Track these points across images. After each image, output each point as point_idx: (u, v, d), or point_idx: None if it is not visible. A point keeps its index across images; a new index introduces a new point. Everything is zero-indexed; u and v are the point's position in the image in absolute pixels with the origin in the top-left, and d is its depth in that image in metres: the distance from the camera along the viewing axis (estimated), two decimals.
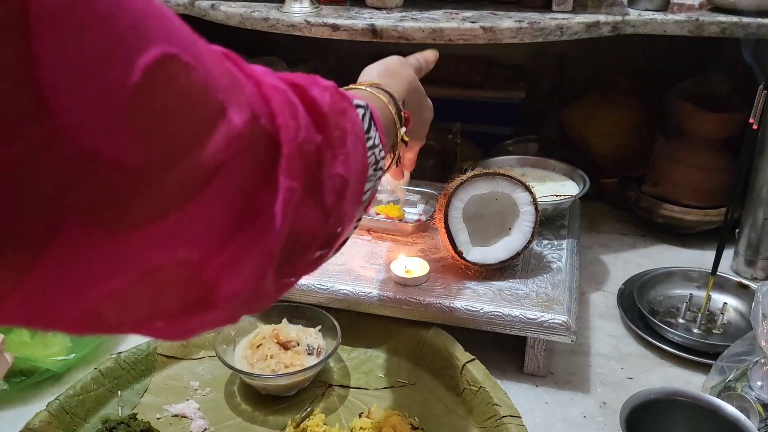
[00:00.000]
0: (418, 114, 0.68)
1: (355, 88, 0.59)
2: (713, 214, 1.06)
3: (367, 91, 0.58)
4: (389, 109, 0.58)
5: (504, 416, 0.67)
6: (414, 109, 0.66)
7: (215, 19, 0.98)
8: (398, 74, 0.65)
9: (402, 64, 0.68)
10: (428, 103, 0.72)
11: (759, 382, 0.67)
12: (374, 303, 0.80)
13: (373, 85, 0.60)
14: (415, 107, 0.67)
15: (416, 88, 0.67)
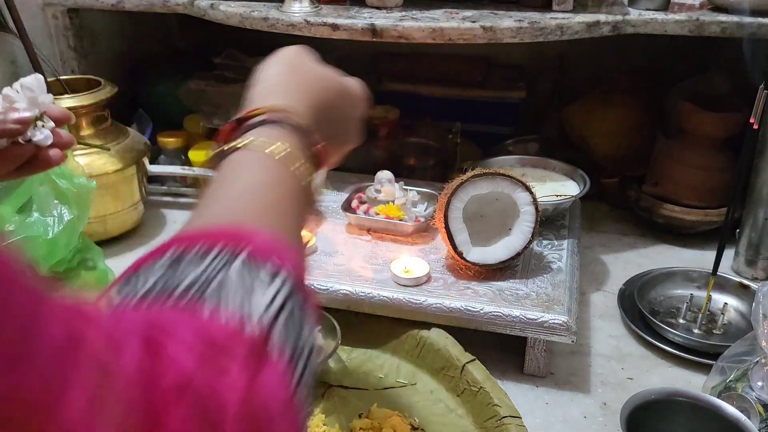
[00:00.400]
0: (335, 125, 0.52)
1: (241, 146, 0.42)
2: (714, 214, 1.06)
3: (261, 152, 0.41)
4: (299, 177, 0.42)
5: (504, 417, 0.67)
6: (328, 119, 0.50)
7: (214, 19, 0.98)
8: (304, 75, 0.51)
9: (305, 58, 0.53)
10: (350, 100, 0.55)
11: (759, 382, 0.67)
12: (374, 303, 0.80)
13: (272, 115, 0.44)
14: (329, 117, 0.51)
15: (326, 87, 0.51)
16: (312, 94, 0.49)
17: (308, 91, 0.49)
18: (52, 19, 1.19)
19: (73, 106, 1.00)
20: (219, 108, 1.30)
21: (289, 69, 0.51)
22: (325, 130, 0.48)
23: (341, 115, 0.54)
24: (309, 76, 0.51)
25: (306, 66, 0.52)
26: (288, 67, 0.51)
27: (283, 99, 0.46)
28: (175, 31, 1.55)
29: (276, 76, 0.50)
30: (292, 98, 0.47)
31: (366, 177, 1.07)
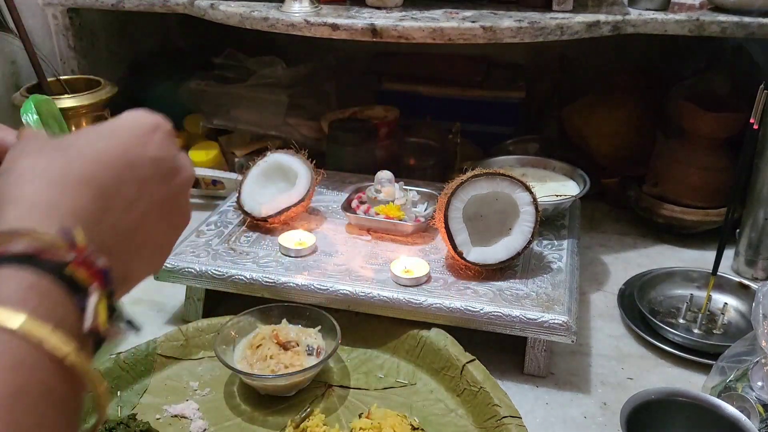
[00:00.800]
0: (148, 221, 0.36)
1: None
2: (714, 214, 1.06)
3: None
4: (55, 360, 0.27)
5: (504, 417, 0.67)
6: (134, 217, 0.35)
7: (214, 19, 0.98)
8: (81, 155, 0.34)
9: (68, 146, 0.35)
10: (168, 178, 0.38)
11: (759, 382, 0.67)
12: (374, 303, 0.80)
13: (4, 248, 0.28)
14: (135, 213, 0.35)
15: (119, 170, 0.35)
16: (96, 184, 0.33)
17: (88, 181, 0.33)
18: (52, 19, 1.19)
19: (73, 106, 1.00)
20: (219, 108, 1.30)
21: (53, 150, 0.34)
22: (129, 235, 0.35)
23: (157, 206, 0.37)
24: (89, 157, 0.34)
25: (86, 141, 0.35)
26: (52, 146, 0.34)
27: (37, 208, 0.30)
28: (175, 31, 1.55)
29: (31, 166, 0.32)
30: (52, 202, 0.31)
31: (366, 177, 1.07)
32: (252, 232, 0.94)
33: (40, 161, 0.33)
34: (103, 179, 0.34)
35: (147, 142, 0.37)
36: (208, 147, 1.27)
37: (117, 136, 0.36)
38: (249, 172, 0.98)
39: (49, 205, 0.31)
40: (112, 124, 0.38)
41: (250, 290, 0.84)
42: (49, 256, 0.28)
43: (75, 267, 0.29)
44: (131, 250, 0.35)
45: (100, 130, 0.37)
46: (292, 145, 1.03)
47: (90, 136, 0.36)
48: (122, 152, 0.36)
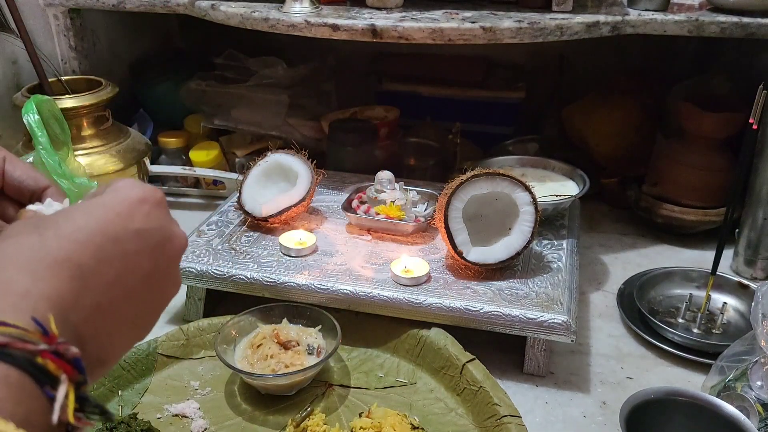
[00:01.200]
0: (134, 295, 0.35)
1: None
2: (713, 214, 1.06)
3: None
4: None
5: (504, 416, 0.67)
6: (122, 289, 0.34)
7: (215, 19, 0.98)
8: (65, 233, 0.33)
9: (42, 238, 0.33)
10: (160, 251, 0.37)
11: (759, 381, 0.67)
12: (374, 303, 0.80)
13: None
14: (122, 286, 0.34)
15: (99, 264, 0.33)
16: (72, 265, 0.32)
17: (63, 261, 0.32)
18: (53, 20, 1.19)
19: (74, 106, 1.00)
20: (219, 108, 1.30)
21: (31, 231, 0.33)
22: (112, 313, 0.34)
23: (145, 279, 0.35)
24: (66, 235, 0.33)
25: (65, 218, 0.34)
26: (31, 227, 0.33)
27: (7, 296, 0.30)
28: (175, 32, 1.55)
29: (5, 250, 0.31)
30: (24, 289, 0.30)
31: (366, 177, 1.08)
32: (253, 232, 0.95)
33: (13, 246, 0.32)
34: (81, 258, 0.32)
35: (132, 215, 0.35)
36: (208, 147, 1.27)
37: (98, 211, 0.35)
38: (249, 173, 0.98)
39: (20, 292, 0.30)
40: (99, 200, 0.36)
41: (250, 290, 0.84)
42: (20, 347, 0.28)
43: (45, 357, 0.28)
44: (113, 327, 0.34)
45: (84, 206, 0.35)
46: (292, 146, 1.03)
47: (71, 213, 0.34)
48: (102, 228, 0.34)
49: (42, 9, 1.17)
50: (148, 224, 0.36)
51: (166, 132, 1.31)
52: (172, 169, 1.22)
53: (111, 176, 1.02)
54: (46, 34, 1.20)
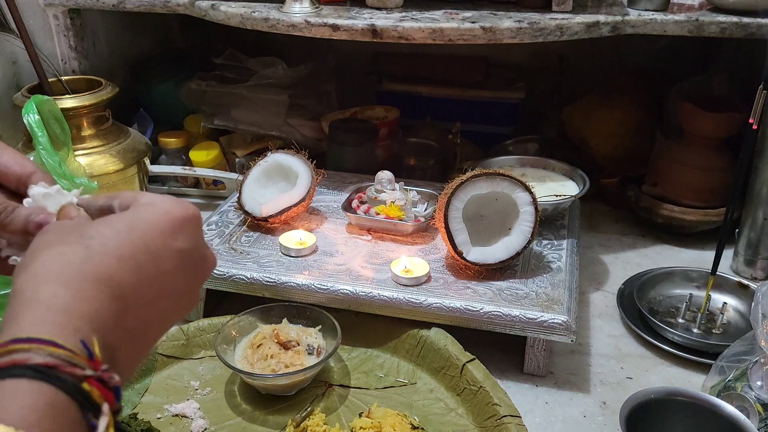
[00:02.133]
0: (158, 307, 0.35)
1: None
2: (713, 214, 1.06)
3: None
4: None
5: (504, 416, 0.67)
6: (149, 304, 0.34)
7: (215, 19, 0.98)
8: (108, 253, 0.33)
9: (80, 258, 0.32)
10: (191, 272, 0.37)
11: (759, 381, 0.67)
12: (374, 303, 0.80)
13: (22, 358, 0.28)
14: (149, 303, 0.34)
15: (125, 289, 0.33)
16: (115, 284, 0.32)
17: (106, 280, 0.32)
18: (53, 20, 1.19)
19: (74, 106, 1.00)
20: (219, 108, 1.30)
21: (74, 242, 0.33)
22: (144, 332, 0.34)
23: (177, 298, 0.36)
24: (110, 252, 0.33)
25: (109, 232, 0.34)
26: (73, 238, 0.33)
27: (52, 313, 0.29)
28: (175, 32, 1.55)
29: (48, 262, 0.31)
30: (68, 307, 0.30)
31: (366, 177, 1.08)
32: (253, 232, 0.95)
33: (58, 257, 0.32)
34: (123, 276, 0.32)
35: (176, 234, 0.35)
36: (208, 147, 1.27)
37: (141, 226, 0.34)
38: (250, 173, 0.98)
39: (64, 309, 0.30)
40: (141, 213, 0.35)
41: (250, 290, 0.84)
42: (68, 371, 0.28)
43: (91, 384, 0.28)
44: (141, 346, 0.34)
45: (126, 219, 0.35)
46: (292, 146, 1.03)
47: (115, 226, 0.34)
48: (145, 244, 0.34)
49: (42, 9, 1.17)
50: (188, 244, 0.36)
51: (166, 132, 1.31)
52: (172, 169, 1.22)
53: (111, 176, 1.02)
54: (46, 34, 1.20)
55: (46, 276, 0.31)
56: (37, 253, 0.33)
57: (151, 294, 0.34)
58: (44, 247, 0.33)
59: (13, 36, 1.05)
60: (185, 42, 1.56)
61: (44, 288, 0.30)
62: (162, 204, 0.36)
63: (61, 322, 0.29)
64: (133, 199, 0.37)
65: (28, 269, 0.32)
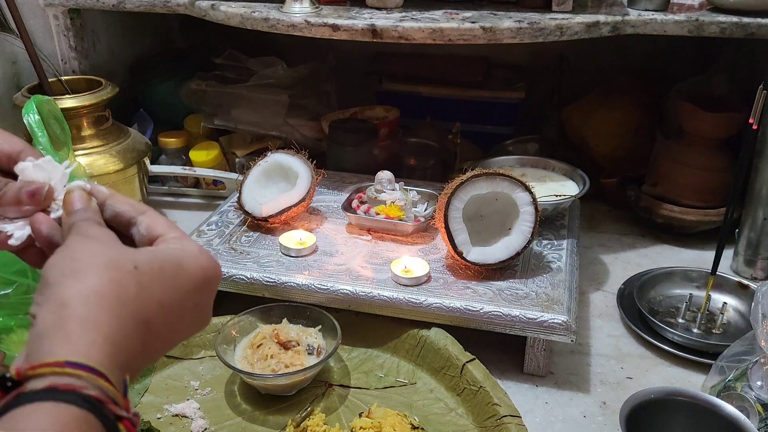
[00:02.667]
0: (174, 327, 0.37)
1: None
2: (713, 214, 1.06)
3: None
4: None
5: (504, 416, 0.67)
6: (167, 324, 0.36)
7: (215, 19, 0.98)
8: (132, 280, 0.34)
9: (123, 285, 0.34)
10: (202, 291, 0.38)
11: (759, 381, 0.67)
12: (374, 303, 0.80)
13: (58, 382, 0.29)
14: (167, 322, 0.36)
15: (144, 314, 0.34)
16: (151, 328, 0.34)
17: (147, 322, 0.34)
18: (53, 20, 1.19)
19: (74, 106, 1.00)
20: (219, 108, 1.30)
21: (129, 276, 0.34)
22: (150, 361, 0.36)
23: (185, 314, 0.37)
24: (157, 299, 0.35)
25: (161, 278, 0.36)
26: (126, 270, 0.34)
27: (107, 344, 0.31)
28: (175, 32, 1.55)
29: (105, 288, 0.32)
30: (117, 342, 0.31)
31: (366, 177, 1.08)
32: (253, 232, 0.95)
33: (113, 285, 0.33)
34: (157, 324, 0.34)
35: (203, 292, 0.38)
36: (208, 147, 1.27)
37: (184, 279, 0.37)
38: (250, 173, 0.98)
39: (115, 343, 0.31)
40: (183, 261, 0.37)
41: (250, 290, 0.84)
42: (112, 409, 0.29)
43: (125, 425, 0.30)
44: (132, 374, 0.36)
45: (172, 263, 0.36)
46: (292, 146, 1.03)
47: (163, 268, 0.36)
48: (180, 298, 0.36)
49: (42, 9, 1.17)
50: (207, 300, 0.39)
51: (166, 132, 1.31)
52: (172, 169, 1.22)
53: (111, 176, 1.02)
54: (46, 34, 1.20)
55: (102, 301, 0.32)
56: (88, 264, 0.33)
57: (168, 340, 0.36)
58: (96, 260, 0.33)
59: (13, 36, 1.05)
60: (185, 42, 1.56)
61: (100, 314, 0.31)
62: (200, 257, 0.38)
63: (111, 354, 0.31)
64: (165, 233, 0.39)
65: (79, 282, 0.32)
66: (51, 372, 0.29)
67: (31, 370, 0.29)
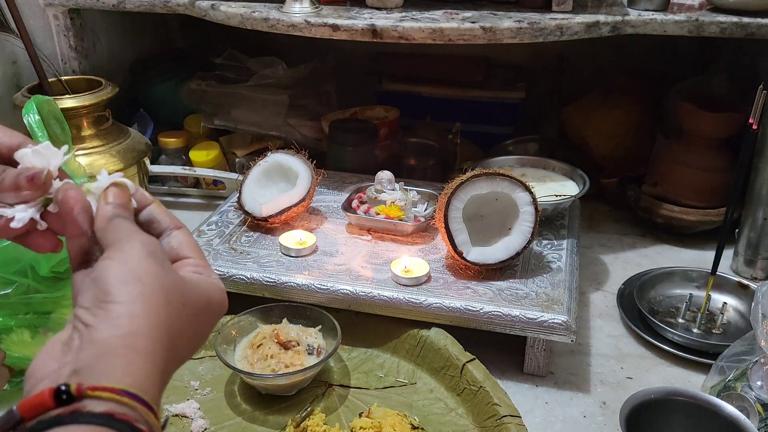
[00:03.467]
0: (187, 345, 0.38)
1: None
2: (713, 214, 1.06)
3: None
4: None
5: (504, 416, 0.67)
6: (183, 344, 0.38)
7: (215, 19, 0.98)
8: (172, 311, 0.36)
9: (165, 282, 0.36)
10: (212, 316, 0.40)
11: (759, 381, 0.67)
12: (374, 303, 0.80)
13: (114, 409, 0.30)
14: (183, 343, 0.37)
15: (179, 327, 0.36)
16: (180, 365, 0.36)
17: (180, 362, 0.37)
18: (53, 20, 1.19)
19: (74, 107, 1.00)
20: (219, 108, 1.30)
21: (177, 315, 0.35)
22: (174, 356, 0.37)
23: (196, 334, 0.39)
24: (193, 343, 0.38)
25: (199, 322, 0.38)
26: (175, 307, 0.36)
27: (152, 380, 0.32)
28: (175, 32, 1.55)
29: (162, 323, 0.34)
30: (160, 379, 0.33)
31: (366, 177, 1.08)
32: (253, 232, 0.95)
33: (164, 315, 0.34)
34: (183, 356, 0.37)
35: (215, 322, 0.41)
36: (208, 147, 1.27)
37: (210, 320, 0.40)
38: (250, 173, 0.98)
39: (163, 380, 0.33)
40: (212, 296, 0.39)
41: (250, 290, 0.84)
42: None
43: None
44: None
45: (205, 298, 0.39)
46: (292, 146, 1.03)
47: (196, 304, 0.38)
48: (203, 333, 0.39)
49: (42, 9, 1.17)
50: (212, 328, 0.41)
51: (166, 132, 1.31)
52: (172, 169, 1.22)
53: None
54: (46, 34, 1.20)
55: (161, 338, 0.33)
56: (151, 291, 0.34)
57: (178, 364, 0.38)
58: (158, 290, 0.34)
59: (13, 36, 1.05)
60: (185, 42, 1.56)
61: (158, 349, 0.33)
62: (222, 294, 0.40)
63: (160, 389, 0.32)
64: (193, 257, 0.40)
65: (147, 309, 0.33)
66: (110, 398, 0.29)
67: (91, 391, 0.29)
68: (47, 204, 0.43)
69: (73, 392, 0.29)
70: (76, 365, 0.31)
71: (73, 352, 0.32)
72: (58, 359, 0.32)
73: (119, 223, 0.38)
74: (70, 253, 0.40)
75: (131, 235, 0.37)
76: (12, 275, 0.77)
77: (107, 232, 0.38)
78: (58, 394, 0.29)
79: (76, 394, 0.29)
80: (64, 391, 0.29)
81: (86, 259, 0.40)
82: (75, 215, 0.39)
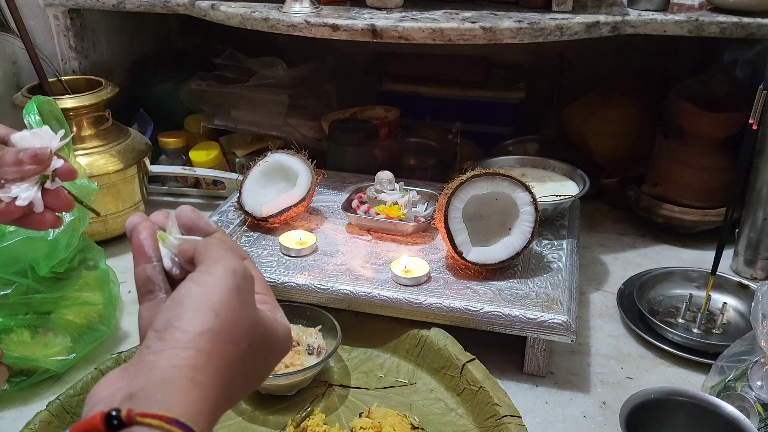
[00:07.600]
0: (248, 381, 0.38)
1: None
2: (713, 214, 1.06)
3: None
4: None
5: (504, 416, 0.67)
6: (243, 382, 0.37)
7: (215, 19, 0.99)
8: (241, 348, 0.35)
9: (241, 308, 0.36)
10: (277, 353, 0.40)
11: (759, 381, 0.67)
12: (374, 303, 0.80)
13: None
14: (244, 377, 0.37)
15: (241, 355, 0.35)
16: (234, 372, 0.35)
17: (241, 399, 0.39)
18: (53, 20, 1.19)
19: (74, 106, 1.00)
20: (219, 108, 1.30)
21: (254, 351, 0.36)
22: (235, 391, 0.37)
23: (261, 370, 0.39)
24: (253, 381, 0.38)
25: (266, 361, 0.38)
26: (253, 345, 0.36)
27: (193, 393, 0.31)
28: (175, 32, 1.55)
29: (202, 350, 0.33)
30: (209, 391, 0.32)
31: (366, 177, 1.08)
32: (253, 232, 0.95)
33: (231, 361, 0.34)
34: (239, 399, 0.37)
35: (277, 364, 0.41)
36: (208, 147, 1.27)
37: (272, 364, 0.40)
38: (250, 173, 0.98)
39: (213, 417, 0.33)
40: (278, 351, 0.39)
41: None
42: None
43: None
44: None
45: (275, 348, 0.39)
46: (292, 146, 1.03)
47: (263, 351, 0.37)
48: (263, 378, 0.39)
49: (42, 9, 1.17)
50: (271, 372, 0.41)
51: (166, 132, 1.31)
52: (172, 169, 1.22)
53: (111, 176, 1.02)
54: (46, 34, 1.20)
55: (218, 376, 0.33)
56: (221, 328, 0.34)
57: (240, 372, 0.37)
58: (230, 330, 0.34)
59: (13, 36, 1.05)
60: (185, 42, 1.56)
61: (211, 385, 0.32)
62: (288, 336, 0.40)
63: (209, 423, 0.32)
64: (265, 294, 0.40)
65: (212, 347, 0.33)
66: (159, 426, 0.29)
67: (141, 417, 0.29)
68: (44, 181, 0.46)
69: (123, 418, 0.29)
70: (131, 389, 0.31)
71: (129, 376, 0.32)
72: (114, 383, 0.32)
73: (217, 242, 0.38)
74: (137, 282, 0.39)
75: (224, 259, 0.36)
76: (12, 275, 0.77)
77: (207, 246, 0.38)
78: (109, 419, 0.29)
79: (126, 420, 0.29)
80: (115, 417, 0.29)
81: (150, 289, 0.39)
82: (141, 240, 0.39)
